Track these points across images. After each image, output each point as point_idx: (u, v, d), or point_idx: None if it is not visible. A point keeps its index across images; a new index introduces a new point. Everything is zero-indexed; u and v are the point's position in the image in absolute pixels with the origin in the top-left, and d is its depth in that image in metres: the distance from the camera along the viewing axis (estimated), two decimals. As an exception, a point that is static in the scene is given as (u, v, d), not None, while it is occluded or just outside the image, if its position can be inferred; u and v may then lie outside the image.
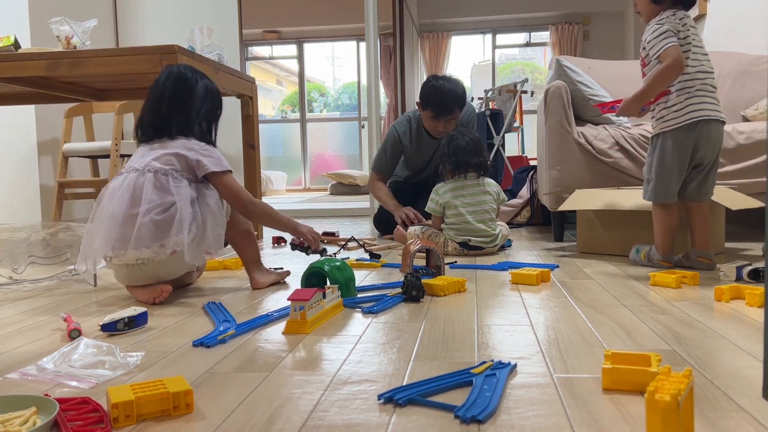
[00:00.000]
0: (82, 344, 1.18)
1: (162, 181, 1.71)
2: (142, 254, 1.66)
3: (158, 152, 1.77)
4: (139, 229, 1.64)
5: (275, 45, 9.26)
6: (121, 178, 1.76)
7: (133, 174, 1.74)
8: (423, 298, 1.63)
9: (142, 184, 1.70)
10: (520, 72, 9.14)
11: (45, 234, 2.14)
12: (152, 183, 1.70)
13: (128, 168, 1.79)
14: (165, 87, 1.85)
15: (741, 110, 3.22)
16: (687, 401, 0.75)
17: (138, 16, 4.75)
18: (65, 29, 2.61)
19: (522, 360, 1.10)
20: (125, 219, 1.67)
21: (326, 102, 9.89)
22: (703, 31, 4.24)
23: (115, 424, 0.86)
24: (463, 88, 2.92)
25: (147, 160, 1.76)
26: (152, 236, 1.65)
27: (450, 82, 2.86)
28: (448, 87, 2.83)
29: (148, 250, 1.66)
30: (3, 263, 2.06)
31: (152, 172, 1.72)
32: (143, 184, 1.70)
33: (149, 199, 1.68)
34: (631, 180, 2.68)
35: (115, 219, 1.68)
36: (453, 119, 2.88)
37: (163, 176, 1.72)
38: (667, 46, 1.88)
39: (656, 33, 1.91)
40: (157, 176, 1.72)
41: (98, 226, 1.72)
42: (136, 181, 1.71)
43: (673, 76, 1.91)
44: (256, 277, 1.88)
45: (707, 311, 1.44)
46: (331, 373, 1.05)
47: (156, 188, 1.70)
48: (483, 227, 2.45)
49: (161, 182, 1.71)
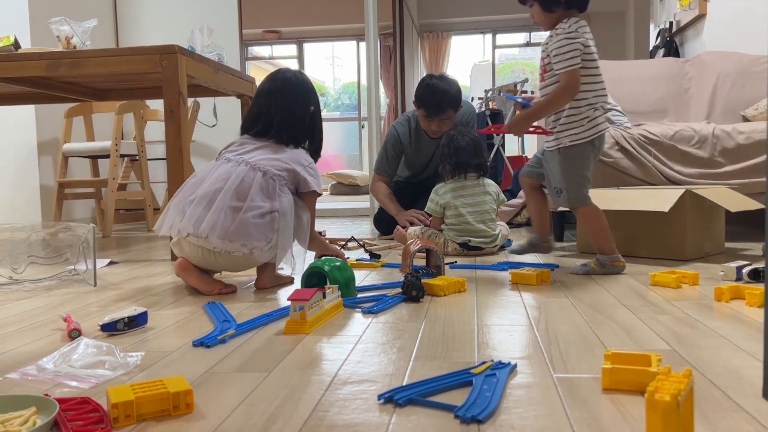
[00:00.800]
0: (82, 344, 1.18)
1: (270, 185, 1.78)
2: (225, 246, 1.72)
3: (270, 155, 1.84)
4: (237, 224, 1.71)
5: (275, 45, 9.26)
6: (230, 165, 1.81)
7: (243, 167, 1.79)
8: (423, 298, 1.63)
9: (251, 181, 1.76)
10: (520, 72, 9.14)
11: (45, 234, 2.14)
12: (260, 184, 1.77)
13: (234, 156, 1.84)
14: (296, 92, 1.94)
15: (741, 110, 3.22)
16: (687, 401, 0.74)
17: (138, 16, 4.75)
18: (65, 29, 2.61)
19: (522, 360, 1.10)
20: (224, 208, 1.72)
21: (326, 102, 9.89)
22: (703, 31, 4.25)
23: (115, 424, 0.86)
24: (458, 88, 2.88)
25: (259, 158, 1.82)
26: (246, 235, 1.72)
27: (444, 82, 2.84)
28: (441, 86, 2.82)
29: (231, 244, 1.72)
30: (3, 263, 2.06)
31: (262, 172, 1.78)
32: (252, 181, 1.76)
33: (254, 198, 1.74)
34: (632, 180, 2.68)
35: (209, 202, 1.73)
36: (447, 119, 2.86)
37: (272, 180, 1.79)
38: (570, 69, 1.88)
39: (565, 48, 1.89)
40: (266, 178, 1.78)
41: (186, 199, 1.78)
42: (246, 175, 1.77)
43: (568, 100, 1.92)
44: (263, 277, 1.88)
45: (707, 311, 1.44)
46: (331, 373, 1.05)
47: (262, 190, 1.77)
48: (483, 228, 2.45)
49: (269, 186, 1.78)
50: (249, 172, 1.78)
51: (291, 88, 1.94)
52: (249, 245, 1.73)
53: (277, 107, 1.91)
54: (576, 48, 1.89)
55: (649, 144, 2.69)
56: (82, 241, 2.01)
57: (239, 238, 1.72)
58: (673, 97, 3.41)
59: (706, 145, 2.69)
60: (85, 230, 2.00)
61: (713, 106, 3.30)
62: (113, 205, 3.65)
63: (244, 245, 1.73)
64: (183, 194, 1.81)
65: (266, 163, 1.81)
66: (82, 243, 2.02)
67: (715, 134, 2.70)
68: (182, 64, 2.43)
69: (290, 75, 1.97)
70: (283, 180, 1.81)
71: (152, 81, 2.88)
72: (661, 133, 2.71)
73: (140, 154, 3.86)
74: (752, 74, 3.26)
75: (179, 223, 1.75)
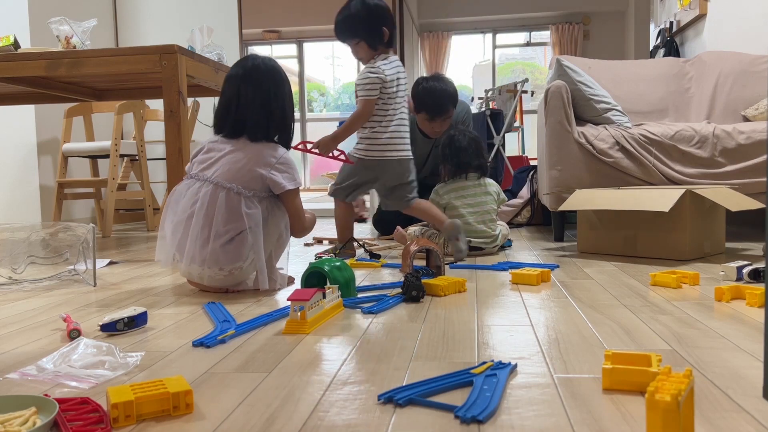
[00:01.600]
0: (81, 344, 1.18)
1: (234, 203, 1.73)
2: (205, 272, 1.74)
3: (236, 162, 1.75)
4: (209, 252, 1.71)
5: (275, 45, 9.25)
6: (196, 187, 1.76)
7: (207, 187, 1.74)
8: (423, 298, 1.63)
9: (215, 204, 1.72)
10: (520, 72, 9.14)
11: (45, 234, 2.14)
12: (224, 205, 1.72)
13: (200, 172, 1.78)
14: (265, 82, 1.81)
15: (741, 110, 3.22)
16: (687, 401, 0.74)
17: (138, 16, 4.75)
18: (65, 29, 2.61)
19: (522, 360, 1.10)
20: (196, 238, 1.72)
21: (326, 102, 9.88)
22: (704, 31, 4.25)
23: (115, 424, 0.86)
24: (454, 86, 2.92)
25: (223, 170, 1.75)
26: (218, 261, 1.72)
27: (440, 82, 2.86)
28: (439, 87, 2.83)
29: (210, 270, 1.73)
30: (3, 263, 2.06)
31: (225, 190, 1.73)
32: (215, 204, 1.72)
33: (219, 223, 1.71)
34: (632, 180, 2.68)
35: (184, 229, 1.73)
36: (448, 118, 2.89)
37: (236, 195, 1.73)
38: (367, 98, 2.28)
39: (366, 81, 2.27)
40: (230, 196, 1.73)
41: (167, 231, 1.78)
42: (211, 197, 1.72)
43: (361, 125, 2.33)
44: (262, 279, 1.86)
45: (707, 311, 1.44)
46: (331, 373, 1.05)
47: (228, 209, 1.72)
48: (483, 228, 2.45)
49: (233, 203, 1.72)
50: (213, 193, 1.72)
51: (259, 77, 1.81)
52: (226, 268, 1.73)
53: (245, 99, 1.79)
54: (375, 80, 2.27)
55: (650, 144, 2.69)
56: (81, 241, 2.01)
57: (215, 264, 1.72)
58: (673, 97, 3.41)
59: (706, 145, 2.69)
60: (85, 230, 2.00)
61: (713, 106, 3.30)
62: (113, 205, 3.65)
63: (221, 270, 1.73)
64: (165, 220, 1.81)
65: (231, 176, 1.74)
66: (82, 243, 2.02)
67: (715, 134, 2.69)
68: (182, 63, 2.43)
69: (259, 62, 1.84)
70: (249, 192, 1.74)
71: (152, 81, 2.89)
72: (661, 133, 2.71)
73: (140, 154, 3.86)
74: (752, 74, 3.26)
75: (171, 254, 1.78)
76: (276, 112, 1.82)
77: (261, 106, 1.80)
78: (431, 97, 2.82)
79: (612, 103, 2.98)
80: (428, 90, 2.83)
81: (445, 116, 2.86)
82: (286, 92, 1.86)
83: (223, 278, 1.76)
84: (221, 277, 1.75)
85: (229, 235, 1.72)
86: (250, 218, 1.73)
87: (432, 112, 2.85)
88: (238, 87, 1.81)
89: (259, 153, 1.78)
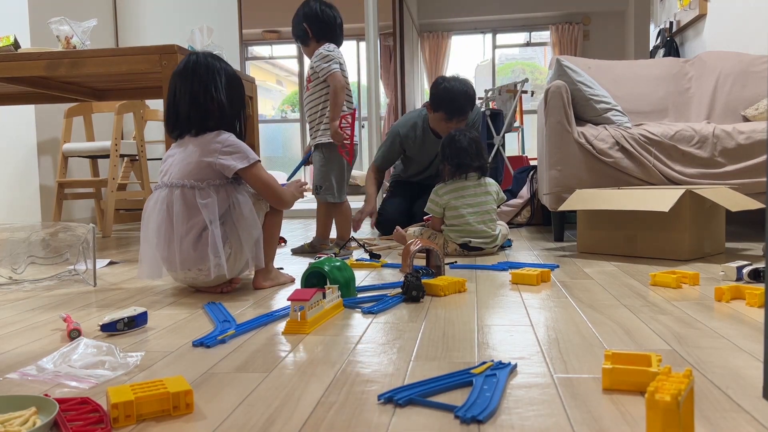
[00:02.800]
0: (82, 344, 1.18)
1: (189, 198, 1.72)
2: (187, 275, 1.76)
3: (186, 158, 1.76)
4: (180, 254, 1.71)
5: (275, 45, 9.25)
6: (156, 195, 1.78)
7: (164, 191, 1.75)
8: (423, 298, 1.63)
9: (172, 206, 1.72)
10: (520, 72, 9.14)
11: (45, 234, 2.14)
12: (181, 202, 1.72)
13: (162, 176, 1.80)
14: (186, 77, 1.80)
15: (741, 110, 3.22)
16: (687, 401, 0.74)
17: (138, 16, 4.75)
18: (65, 29, 2.61)
19: (522, 360, 1.10)
20: (167, 243, 1.73)
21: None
22: (704, 31, 4.25)
23: (115, 424, 0.86)
24: (473, 88, 2.93)
25: (176, 169, 1.76)
26: (192, 261, 1.72)
27: (460, 83, 2.86)
28: (459, 88, 2.84)
29: (190, 272, 1.75)
30: (3, 263, 2.06)
31: (179, 188, 1.73)
32: (173, 204, 1.72)
33: (179, 224, 1.71)
34: (632, 180, 2.68)
35: (159, 238, 1.73)
36: (465, 119, 2.89)
37: (190, 190, 1.72)
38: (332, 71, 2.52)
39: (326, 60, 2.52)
40: (184, 192, 1.72)
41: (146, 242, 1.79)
42: (169, 200, 1.73)
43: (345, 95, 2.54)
44: (260, 278, 1.88)
45: (707, 311, 1.44)
46: (331, 373, 1.05)
47: (186, 207, 1.72)
48: (484, 228, 2.45)
49: (188, 199, 1.72)
50: (169, 195, 1.73)
51: (193, 73, 1.80)
52: (204, 268, 1.72)
53: (181, 96, 1.79)
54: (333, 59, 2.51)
55: (650, 144, 2.69)
56: (81, 241, 2.01)
57: (193, 266, 1.73)
58: (673, 97, 3.41)
59: (706, 145, 2.69)
60: (85, 230, 2.00)
61: (713, 106, 3.30)
62: (113, 205, 3.65)
63: (200, 270, 1.73)
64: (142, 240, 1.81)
65: (184, 174, 1.73)
66: (82, 243, 2.02)
67: (715, 134, 2.69)
68: (182, 64, 2.42)
69: (193, 59, 1.83)
70: (202, 184, 1.72)
71: (152, 81, 2.88)
72: (661, 133, 2.71)
73: (140, 153, 3.86)
74: (752, 74, 3.26)
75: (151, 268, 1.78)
76: (212, 105, 1.79)
77: (195, 102, 1.78)
78: (452, 98, 2.83)
79: (612, 103, 2.98)
80: (449, 91, 2.83)
81: (462, 118, 2.86)
82: (223, 84, 1.81)
83: (205, 278, 1.75)
84: (204, 277, 1.75)
85: (194, 231, 1.71)
86: (207, 208, 1.70)
87: (450, 113, 2.85)
88: (175, 85, 1.82)
89: (204, 144, 1.77)
